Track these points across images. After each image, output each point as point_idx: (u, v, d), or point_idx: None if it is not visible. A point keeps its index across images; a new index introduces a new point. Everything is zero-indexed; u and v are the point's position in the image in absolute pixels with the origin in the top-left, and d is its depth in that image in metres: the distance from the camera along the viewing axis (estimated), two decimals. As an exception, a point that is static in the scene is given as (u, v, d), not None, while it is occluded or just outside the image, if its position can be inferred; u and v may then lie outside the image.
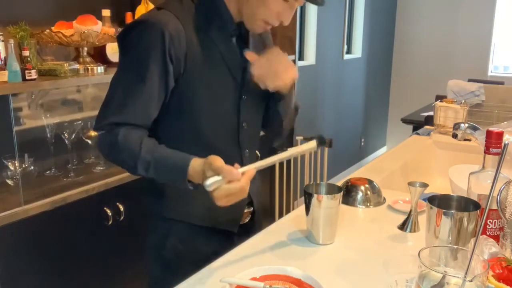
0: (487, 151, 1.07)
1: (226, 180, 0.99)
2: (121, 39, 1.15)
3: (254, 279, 0.95)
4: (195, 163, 1.04)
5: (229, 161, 1.18)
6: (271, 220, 1.40)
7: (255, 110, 1.30)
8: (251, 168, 1.04)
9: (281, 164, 2.80)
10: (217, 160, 1.00)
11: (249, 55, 1.19)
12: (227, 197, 1.00)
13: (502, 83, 4.21)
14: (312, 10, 4.35)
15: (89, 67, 2.07)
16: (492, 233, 1.06)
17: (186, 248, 1.26)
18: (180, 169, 1.05)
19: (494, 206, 1.03)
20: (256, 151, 1.38)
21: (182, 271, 1.07)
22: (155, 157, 1.08)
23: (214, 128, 1.21)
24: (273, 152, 1.11)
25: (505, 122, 1.71)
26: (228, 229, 1.28)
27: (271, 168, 2.76)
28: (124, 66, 1.14)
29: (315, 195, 1.15)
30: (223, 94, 1.21)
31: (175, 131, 1.19)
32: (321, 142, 1.11)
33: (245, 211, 1.32)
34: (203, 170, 1.02)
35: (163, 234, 1.27)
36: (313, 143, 1.10)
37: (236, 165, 1.03)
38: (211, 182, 0.98)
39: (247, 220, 1.34)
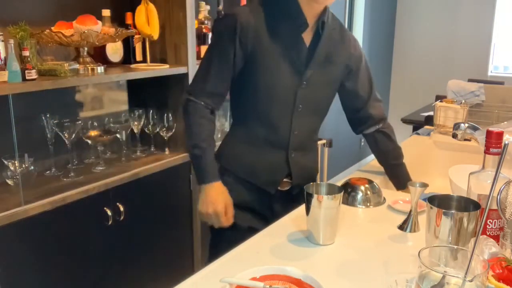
0: (487, 151, 1.07)
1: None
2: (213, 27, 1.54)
3: (254, 279, 0.95)
4: (211, 185, 1.45)
5: (278, 133, 1.50)
6: (271, 220, 1.40)
7: (314, 98, 1.50)
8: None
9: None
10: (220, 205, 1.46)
11: None
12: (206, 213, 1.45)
13: (502, 83, 4.20)
14: (312, 10, 4.34)
15: (89, 67, 2.07)
16: (492, 233, 1.06)
17: (232, 190, 1.49)
18: (201, 177, 1.46)
19: (494, 206, 1.03)
20: (315, 139, 1.65)
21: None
22: (202, 154, 1.43)
23: (270, 105, 1.45)
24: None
25: (505, 122, 1.71)
26: (265, 189, 1.53)
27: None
28: (209, 48, 1.46)
29: (315, 195, 1.15)
30: (283, 80, 1.43)
31: (240, 107, 1.51)
32: None
33: (284, 180, 1.55)
34: (211, 197, 1.46)
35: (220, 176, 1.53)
36: None
37: None
38: None
39: (286, 189, 1.56)
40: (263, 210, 1.54)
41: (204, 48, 2.46)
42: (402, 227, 1.27)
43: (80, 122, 2.11)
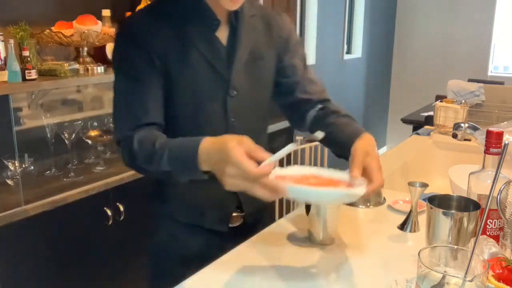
0: (487, 151, 1.07)
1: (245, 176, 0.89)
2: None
3: (279, 177, 0.92)
4: (205, 148, 0.95)
5: None
6: (271, 220, 1.39)
7: (249, 106, 1.24)
8: (271, 163, 0.91)
9: (281, 164, 2.81)
10: (237, 151, 0.88)
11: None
12: (237, 187, 0.91)
13: (502, 83, 4.21)
14: (312, 10, 4.35)
15: (89, 67, 2.07)
16: (492, 233, 1.06)
17: (173, 242, 1.28)
18: (191, 158, 0.97)
19: (494, 206, 1.03)
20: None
21: (171, 264, 1.10)
22: (168, 148, 1.03)
23: (199, 127, 1.15)
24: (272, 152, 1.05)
25: (505, 122, 1.71)
26: (216, 229, 1.27)
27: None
28: (116, 76, 1.16)
29: (315, 195, 1.14)
30: (207, 92, 1.17)
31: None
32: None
33: (234, 214, 1.28)
34: (220, 159, 0.90)
35: (155, 228, 1.31)
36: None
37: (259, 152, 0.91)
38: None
39: (238, 224, 1.30)
40: (214, 254, 1.19)
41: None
42: (402, 227, 1.27)
43: (80, 122, 2.11)
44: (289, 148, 0.93)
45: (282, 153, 0.93)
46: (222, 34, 1.19)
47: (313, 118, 1.28)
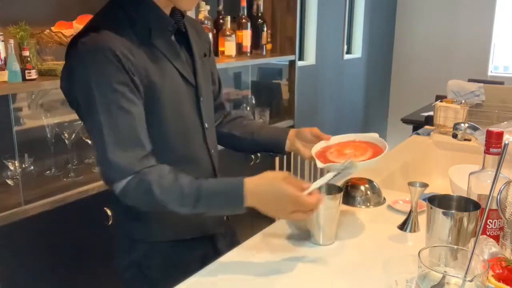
0: (487, 151, 1.07)
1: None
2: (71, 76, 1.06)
3: (326, 148, 1.18)
4: (252, 190, 1.01)
5: (201, 164, 1.23)
6: (271, 220, 1.40)
7: (211, 108, 1.29)
8: (315, 189, 1.03)
9: (280, 164, 2.81)
10: (292, 189, 0.99)
11: None
12: (297, 218, 1.06)
13: (502, 83, 4.21)
14: (312, 10, 4.35)
15: (89, 67, 2.07)
16: (492, 233, 1.06)
17: (171, 264, 1.22)
18: (236, 199, 1.01)
19: (494, 206, 1.03)
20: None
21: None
22: (203, 192, 1.02)
23: (183, 136, 1.16)
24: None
25: (505, 122, 1.71)
26: (216, 232, 1.29)
27: (271, 168, 2.77)
28: (97, 107, 1.01)
29: (315, 195, 1.14)
30: (184, 100, 1.16)
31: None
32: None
33: None
34: (274, 199, 0.99)
35: (146, 255, 1.24)
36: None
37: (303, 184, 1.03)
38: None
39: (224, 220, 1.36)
40: (208, 255, 1.20)
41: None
42: (402, 227, 1.27)
43: (80, 122, 2.11)
44: (328, 176, 1.08)
45: (322, 181, 1.06)
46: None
47: (219, 121, 1.39)
